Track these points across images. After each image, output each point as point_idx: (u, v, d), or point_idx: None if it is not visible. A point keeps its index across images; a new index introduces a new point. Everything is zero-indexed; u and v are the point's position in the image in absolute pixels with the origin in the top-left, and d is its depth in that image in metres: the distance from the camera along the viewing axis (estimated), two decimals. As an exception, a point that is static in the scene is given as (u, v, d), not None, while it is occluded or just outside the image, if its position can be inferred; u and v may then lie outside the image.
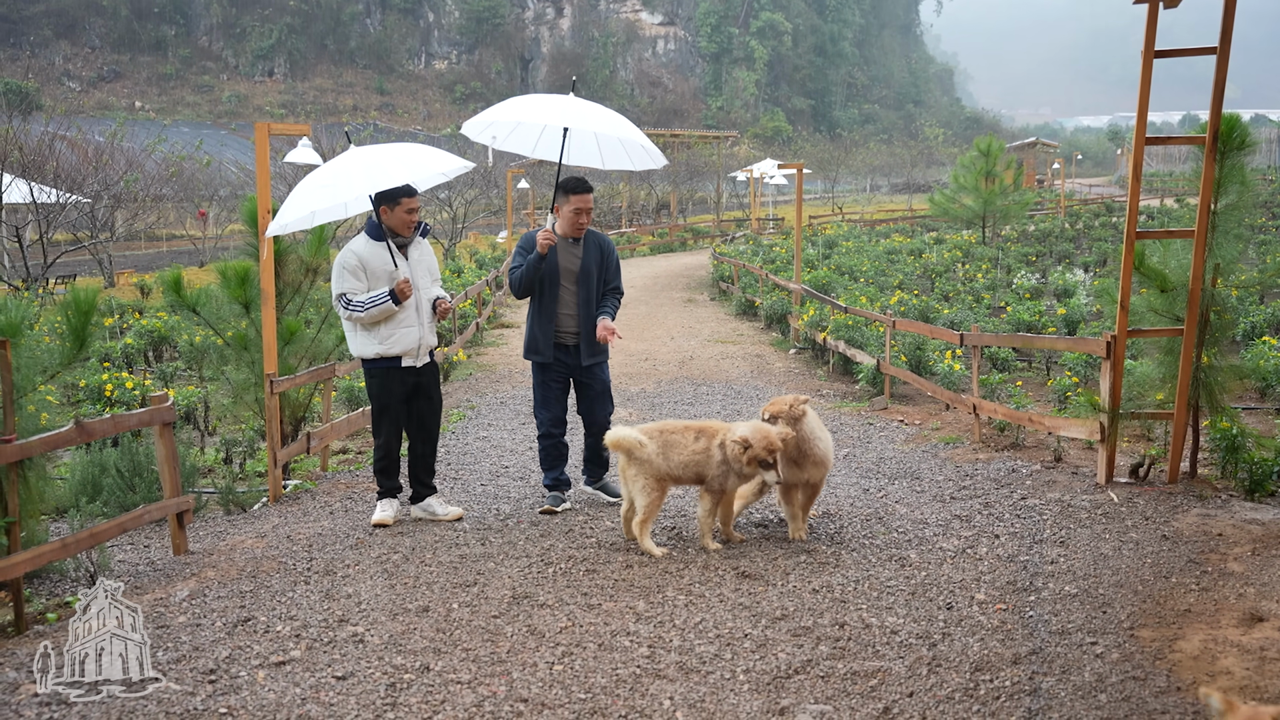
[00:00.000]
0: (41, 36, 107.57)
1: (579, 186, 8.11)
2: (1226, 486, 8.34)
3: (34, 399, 7.21)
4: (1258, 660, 5.20)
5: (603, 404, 8.49)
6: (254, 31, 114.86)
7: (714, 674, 5.25)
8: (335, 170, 7.74)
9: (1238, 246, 8.39)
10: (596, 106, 8.35)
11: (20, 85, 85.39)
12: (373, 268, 7.71)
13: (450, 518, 8.15)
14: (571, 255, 8.20)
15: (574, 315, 8.21)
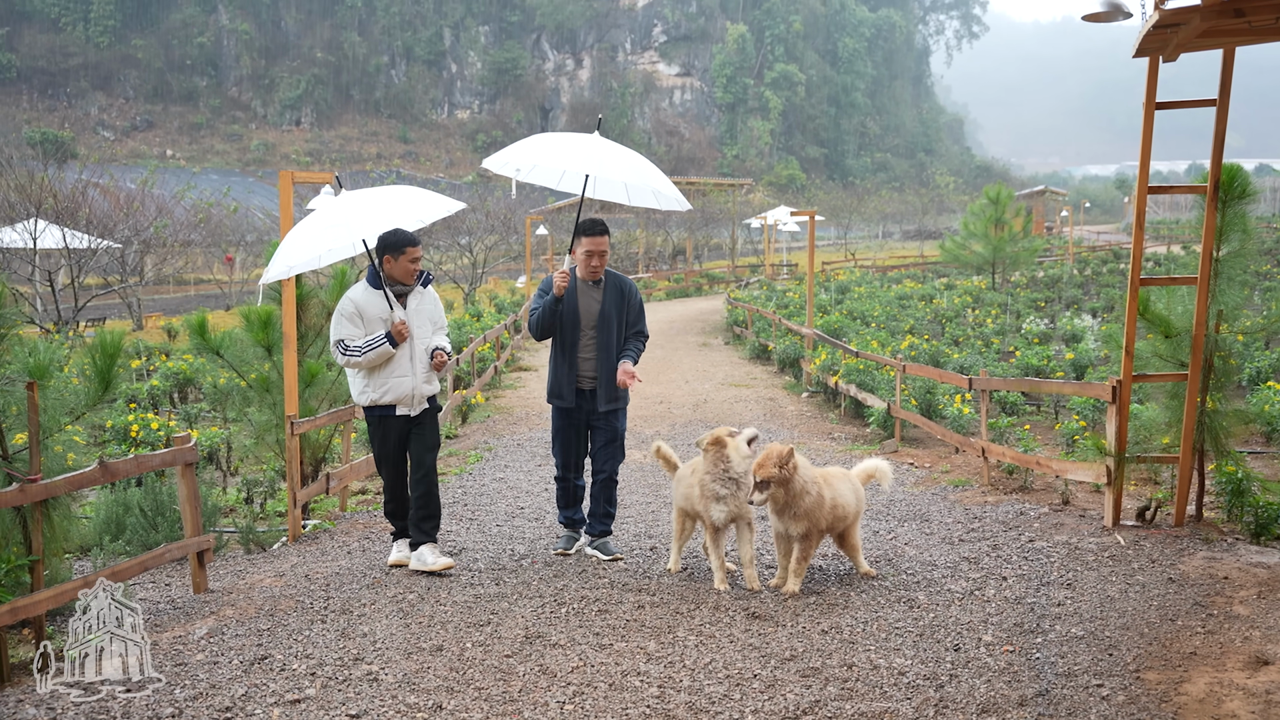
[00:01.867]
0: (78, 88, 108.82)
1: (592, 229, 7.94)
2: (1232, 530, 8.31)
3: (60, 439, 7.24)
4: (1263, 704, 5.16)
5: (610, 453, 8.23)
6: (282, 82, 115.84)
7: (723, 714, 5.21)
8: (329, 217, 7.67)
9: (1242, 293, 8.38)
10: (619, 149, 8.20)
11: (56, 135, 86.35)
12: (370, 315, 7.57)
13: (440, 568, 7.81)
14: (591, 299, 8.03)
15: (592, 359, 8.01)
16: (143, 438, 12.81)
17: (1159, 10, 5.07)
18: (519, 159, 8.21)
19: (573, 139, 8.30)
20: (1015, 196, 37.34)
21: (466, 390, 17.34)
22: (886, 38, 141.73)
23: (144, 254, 36.58)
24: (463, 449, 13.99)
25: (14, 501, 6.22)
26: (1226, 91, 7.69)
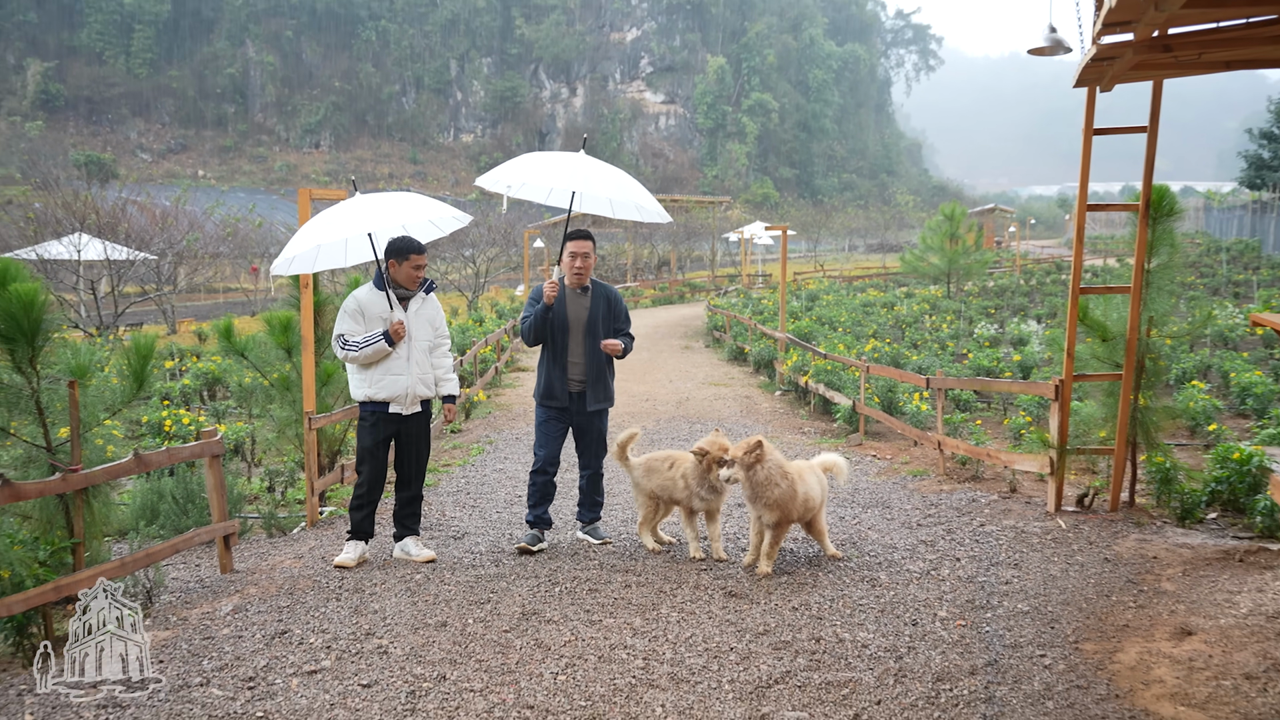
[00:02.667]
0: (119, 114, 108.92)
1: (575, 235, 7.83)
2: (1161, 514, 8.35)
3: (100, 433, 7.21)
4: (1186, 670, 5.19)
5: (597, 450, 8.13)
6: (304, 109, 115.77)
7: (702, 684, 5.20)
8: (342, 210, 7.54)
9: (1170, 301, 8.42)
10: (604, 166, 8.04)
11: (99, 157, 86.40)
12: (371, 313, 7.40)
13: (422, 559, 7.64)
14: (580, 306, 7.90)
15: (581, 363, 7.87)
16: (175, 432, 12.78)
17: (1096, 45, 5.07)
18: (510, 177, 8.02)
19: (560, 158, 8.16)
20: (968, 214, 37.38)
21: (469, 389, 17.31)
22: (852, 70, 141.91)
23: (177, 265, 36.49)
24: (466, 442, 13.96)
25: (57, 489, 6.22)
26: (1156, 119, 7.72)
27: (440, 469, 11.94)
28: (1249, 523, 7.95)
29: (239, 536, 8.83)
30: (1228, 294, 28.61)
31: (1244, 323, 19.54)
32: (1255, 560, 6.93)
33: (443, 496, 10.32)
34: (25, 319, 6.37)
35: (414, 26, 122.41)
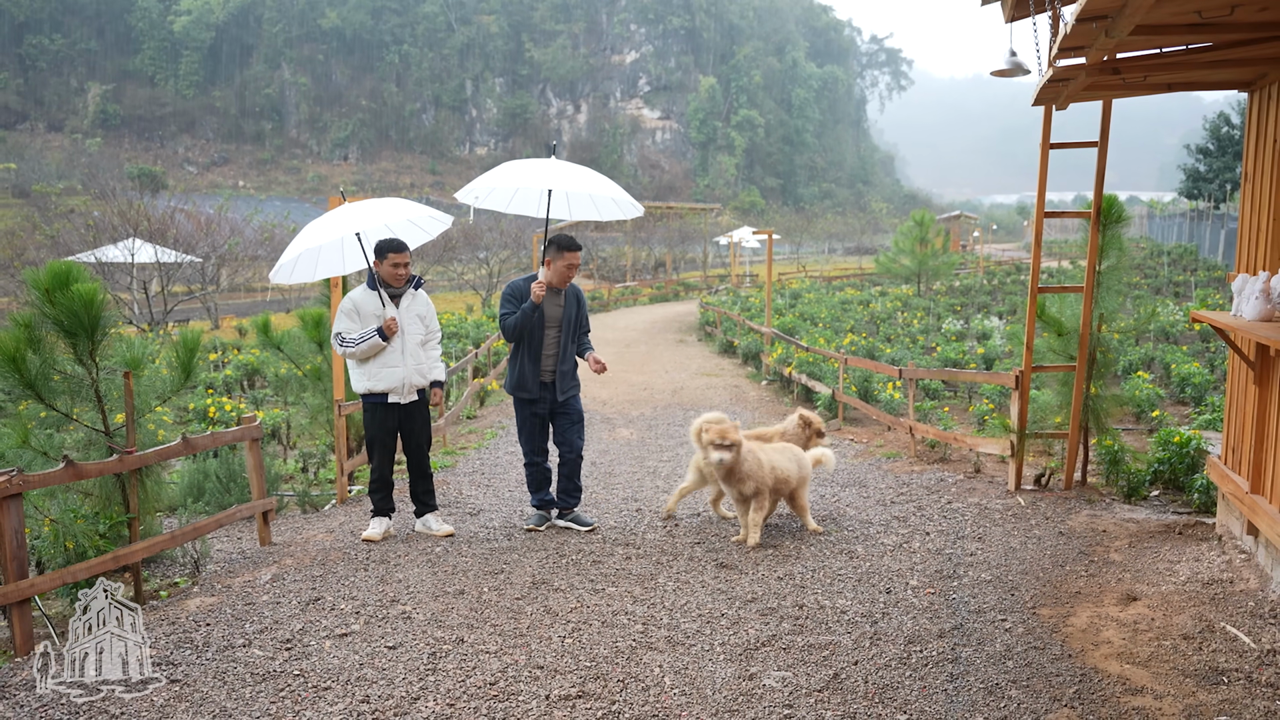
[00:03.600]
0: (168, 131, 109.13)
1: (571, 245, 7.59)
2: (1110, 492, 8.36)
3: (151, 419, 7.21)
4: (1132, 631, 5.21)
5: (576, 432, 7.79)
6: (333, 125, 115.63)
7: (696, 646, 5.21)
8: (329, 218, 7.43)
9: (1117, 299, 8.42)
10: (574, 166, 7.89)
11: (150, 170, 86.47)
12: (364, 311, 7.26)
13: (442, 534, 7.61)
14: (555, 304, 7.66)
15: (554, 355, 7.64)
16: (218, 417, 12.80)
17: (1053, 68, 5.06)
18: (479, 187, 7.88)
19: (531, 163, 7.91)
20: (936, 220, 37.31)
21: (484, 379, 17.30)
22: (831, 89, 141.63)
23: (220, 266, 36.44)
24: (480, 427, 13.95)
25: (114, 469, 6.23)
26: (1105, 135, 7.71)
27: (457, 451, 11.94)
28: (1187, 499, 7.98)
29: (276, 512, 8.86)
30: (1169, 293, 28.59)
31: (1184, 319, 19.55)
32: (1193, 533, 6.95)
33: (460, 477, 10.32)
34: (86, 316, 6.38)
35: (433, 50, 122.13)
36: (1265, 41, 4.92)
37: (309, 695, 4.73)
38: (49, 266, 6.46)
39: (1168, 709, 4.35)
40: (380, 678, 4.89)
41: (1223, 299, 22.85)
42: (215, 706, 4.64)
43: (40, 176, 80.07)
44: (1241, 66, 5.53)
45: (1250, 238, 6.37)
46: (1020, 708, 4.40)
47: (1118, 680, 4.64)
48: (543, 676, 4.86)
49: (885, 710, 4.42)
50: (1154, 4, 3.73)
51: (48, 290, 6.33)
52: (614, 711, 4.47)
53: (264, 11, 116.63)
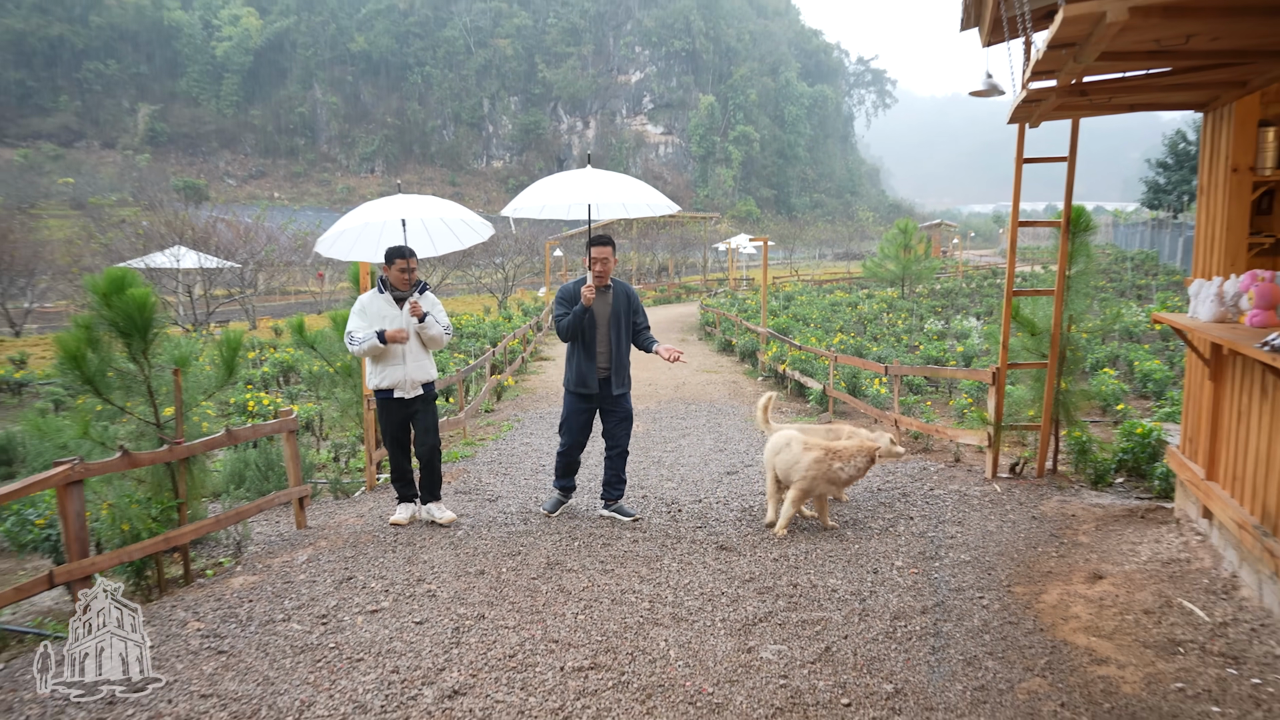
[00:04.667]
0: (210, 147, 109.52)
1: (596, 241, 7.47)
2: (1078, 479, 8.36)
3: (197, 412, 7.28)
4: (1097, 607, 5.23)
5: (625, 428, 7.68)
6: (361, 140, 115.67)
7: (698, 622, 5.24)
8: (385, 201, 7.53)
9: (1085, 302, 8.42)
10: (611, 175, 7.77)
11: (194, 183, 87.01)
12: (371, 311, 7.28)
13: (445, 521, 7.56)
14: (604, 303, 7.55)
15: (607, 352, 7.50)
16: (257, 411, 12.84)
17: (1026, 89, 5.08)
18: (532, 202, 7.76)
19: (572, 176, 7.79)
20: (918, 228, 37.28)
21: (500, 375, 17.33)
22: (821, 107, 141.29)
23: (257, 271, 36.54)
24: (498, 420, 13.98)
25: (165, 458, 6.29)
26: (1074, 150, 7.72)
27: (476, 442, 11.97)
28: (1149, 486, 7.98)
29: (311, 498, 8.89)
30: (1132, 296, 28.56)
31: (1146, 320, 19.55)
32: (1154, 517, 6.96)
33: (479, 465, 10.34)
34: (139, 318, 6.42)
35: (453, 71, 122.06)
36: (1217, 68, 4.94)
37: (343, 666, 4.76)
38: (106, 273, 6.49)
39: (1129, 677, 4.37)
40: (408, 650, 4.93)
41: (1181, 302, 22.83)
42: (259, 675, 4.68)
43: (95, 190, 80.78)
44: (1196, 90, 5.55)
45: (1205, 245, 6.39)
46: (996, 677, 4.43)
47: (1085, 652, 4.67)
48: (558, 649, 4.89)
49: (873, 680, 4.45)
50: (1117, 33, 3.75)
51: (105, 295, 6.36)
52: (623, 682, 4.50)
53: (298, 37, 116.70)
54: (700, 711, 4.19)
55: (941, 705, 4.19)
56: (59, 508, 5.54)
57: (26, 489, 5.33)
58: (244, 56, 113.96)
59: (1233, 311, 5.20)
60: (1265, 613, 4.97)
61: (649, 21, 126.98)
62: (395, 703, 4.35)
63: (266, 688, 4.54)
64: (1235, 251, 5.95)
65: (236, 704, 4.38)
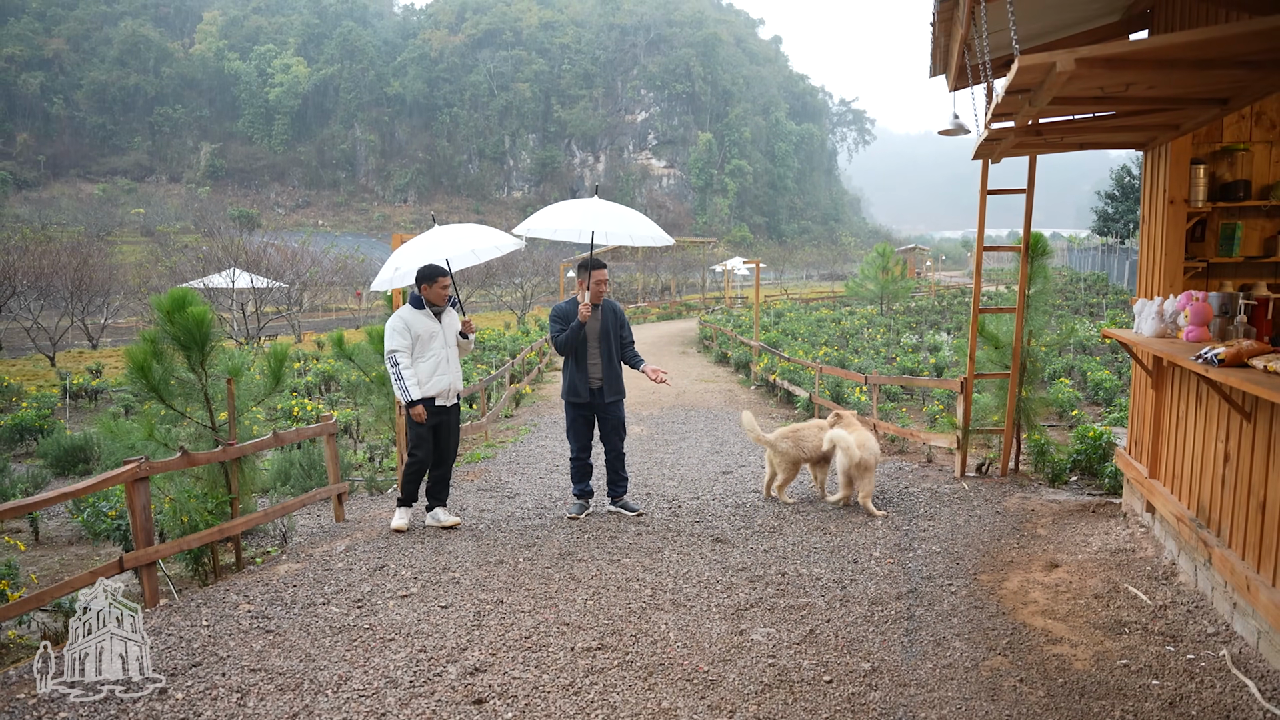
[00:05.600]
0: (262, 180, 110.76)
1: (597, 265, 7.38)
2: (1038, 478, 8.35)
3: (248, 417, 7.30)
4: (1053, 593, 5.22)
5: (618, 434, 7.59)
6: (395, 173, 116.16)
7: (696, 607, 5.24)
8: (427, 239, 7.33)
9: (1044, 318, 8.43)
10: (615, 206, 7.69)
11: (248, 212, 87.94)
12: (415, 329, 6.96)
13: (449, 524, 7.28)
14: (595, 320, 7.48)
15: (599, 364, 7.43)
16: (300, 416, 12.87)
17: (988, 129, 5.10)
18: (541, 224, 7.59)
19: (579, 204, 7.73)
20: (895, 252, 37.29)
21: (519, 384, 17.34)
22: (807, 143, 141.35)
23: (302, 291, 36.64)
24: (515, 425, 13.98)
25: (219, 458, 6.32)
26: (1032, 184, 7.74)
27: (497, 445, 11.97)
28: (1100, 483, 7.98)
29: (348, 494, 8.91)
30: (1085, 313, 28.52)
31: (1097, 335, 19.52)
32: (1104, 511, 6.95)
33: (499, 466, 10.35)
34: (198, 332, 6.46)
35: (478, 112, 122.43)
36: (1154, 112, 4.96)
37: (376, 645, 4.77)
38: (170, 293, 6.54)
39: (1080, 655, 4.37)
40: (434, 631, 4.94)
41: (1127, 319, 22.77)
42: (301, 652, 4.69)
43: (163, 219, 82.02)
44: (1137, 131, 5.57)
45: (1147, 269, 6.40)
46: (963, 656, 4.43)
47: (1041, 633, 4.66)
48: (569, 631, 4.89)
49: (852, 659, 4.45)
50: (1066, 82, 3.77)
51: (168, 312, 6.41)
52: (627, 661, 4.51)
53: (340, 82, 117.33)
54: (696, 688, 4.19)
55: (914, 681, 4.18)
56: (127, 501, 5.57)
57: (100, 484, 5.38)
58: (293, 100, 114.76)
59: (1171, 328, 5.20)
60: (1200, 595, 4.97)
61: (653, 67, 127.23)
62: (423, 678, 4.36)
63: (308, 663, 4.55)
64: (1173, 274, 5.96)
65: (282, 677, 4.40)
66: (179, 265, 35.76)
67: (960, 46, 5.88)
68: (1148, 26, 6.49)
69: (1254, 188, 5.98)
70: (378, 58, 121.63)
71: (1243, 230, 6.03)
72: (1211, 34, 3.52)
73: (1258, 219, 6.05)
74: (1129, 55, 3.66)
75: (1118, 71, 3.76)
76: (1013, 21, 4.34)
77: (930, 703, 3.98)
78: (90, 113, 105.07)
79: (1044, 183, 7.88)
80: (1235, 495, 4.54)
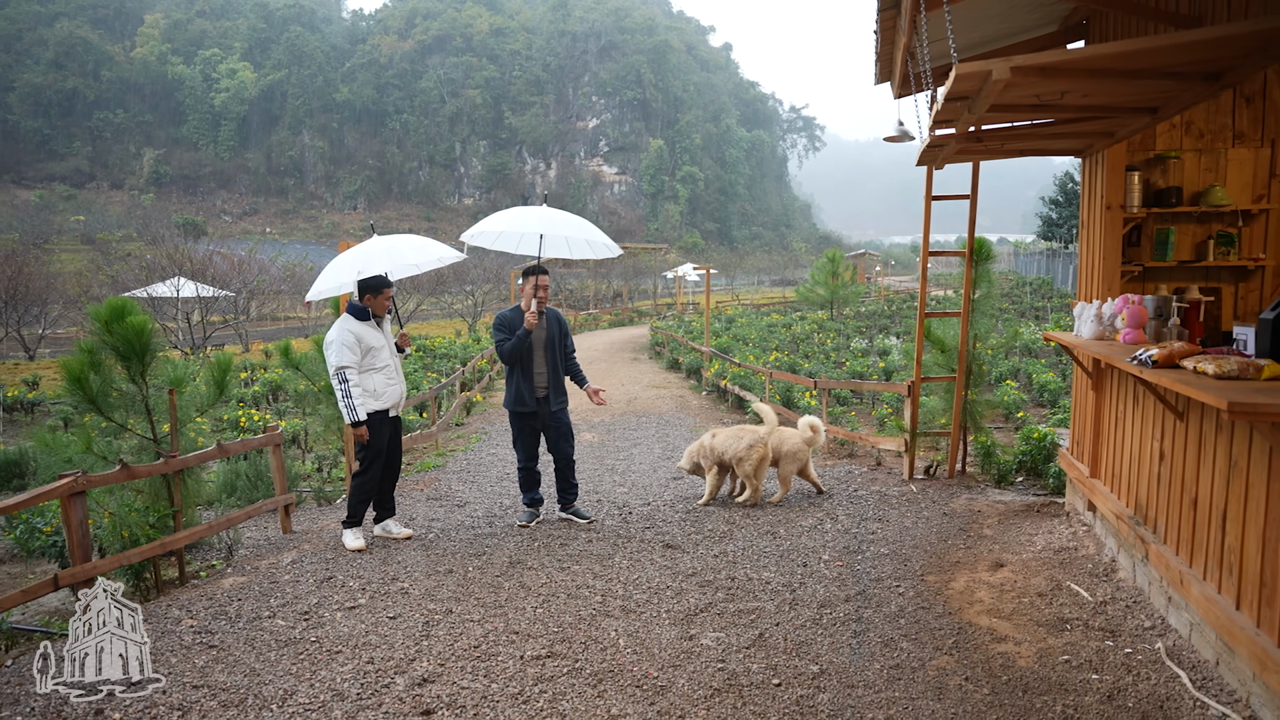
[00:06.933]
0: (208, 187, 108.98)
1: (538, 270, 7.27)
2: (984, 479, 8.47)
3: (192, 428, 7.15)
4: (999, 592, 5.30)
5: (567, 441, 7.51)
6: (345, 180, 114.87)
7: (646, 613, 5.24)
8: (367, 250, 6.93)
9: (989, 322, 8.57)
10: (562, 213, 7.53)
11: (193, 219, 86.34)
12: (367, 341, 6.71)
13: (402, 536, 7.13)
14: (540, 328, 7.39)
15: (545, 373, 7.33)
16: (247, 426, 12.65)
17: (930, 136, 5.18)
18: (489, 229, 7.48)
19: (528, 211, 7.55)
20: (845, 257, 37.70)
21: (469, 392, 17.22)
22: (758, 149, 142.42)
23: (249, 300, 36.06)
24: (466, 433, 13.89)
25: (161, 470, 6.21)
26: (975, 189, 7.87)
27: (447, 453, 11.88)
28: (1045, 484, 8.11)
29: (296, 506, 8.78)
30: (1030, 316, 29.06)
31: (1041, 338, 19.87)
32: (1048, 511, 7.08)
33: (449, 474, 10.27)
34: (138, 342, 6.34)
35: (428, 118, 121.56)
36: (1089, 120, 5.08)
37: (323, 657, 4.71)
38: (108, 302, 6.41)
39: (1024, 652, 4.44)
40: (383, 643, 4.88)
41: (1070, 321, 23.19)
42: (246, 667, 4.61)
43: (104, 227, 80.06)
44: (1074, 139, 5.71)
45: (1087, 272, 6.54)
46: (910, 656, 4.48)
47: (987, 631, 4.73)
48: (518, 640, 4.87)
49: (801, 662, 4.48)
50: (1002, 89, 3.85)
51: (106, 322, 6.28)
52: (577, 668, 4.49)
53: (289, 88, 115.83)
54: (646, 694, 4.19)
55: (861, 683, 4.22)
56: (63, 516, 5.44)
57: (34, 499, 5.25)
58: (240, 106, 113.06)
59: (1109, 330, 5.32)
60: (1138, 591, 5.09)
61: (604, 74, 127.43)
62: (370, 690, 4.31)
63: (253, 678, 4.48)
64: (1111, 278, 6.10)
65: (225, 693, 4.32)
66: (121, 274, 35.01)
67: (903, 54, 5.98)
68: (1084, 37, 6.66)
69: (1185, 194, 6.15)
70: (326, 63, 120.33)
71: (1176, 235, 6.20)
72: (1140, 45, 3.62)
73: (1189, 224, 6.23)
74: (1062, 64, 3.75)
75: (1052, 80, 3.85)
76: (950, 31, 4.42)
77: (877, 703, 4.02)
78: (25, 116, 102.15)
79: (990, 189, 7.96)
80: (1170, 493, 4.66)
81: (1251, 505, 3.73)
